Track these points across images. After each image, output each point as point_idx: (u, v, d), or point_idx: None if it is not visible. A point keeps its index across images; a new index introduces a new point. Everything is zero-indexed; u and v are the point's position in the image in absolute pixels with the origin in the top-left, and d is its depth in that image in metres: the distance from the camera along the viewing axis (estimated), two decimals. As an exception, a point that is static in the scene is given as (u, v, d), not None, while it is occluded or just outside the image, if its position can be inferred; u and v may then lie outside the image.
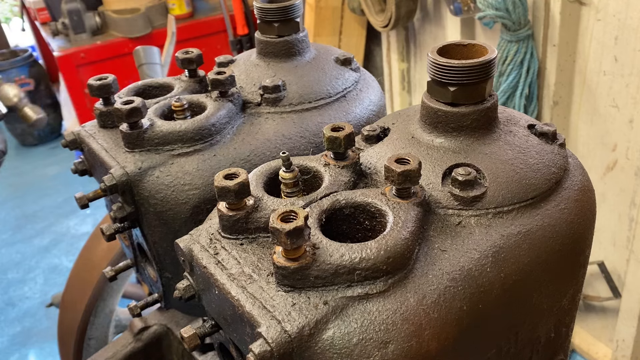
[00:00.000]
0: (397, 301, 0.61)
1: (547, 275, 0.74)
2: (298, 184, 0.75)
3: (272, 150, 0.95)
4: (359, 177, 0.78)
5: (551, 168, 0.77)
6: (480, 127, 0.77)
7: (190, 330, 0.72)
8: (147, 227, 0.94)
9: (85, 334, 1.74)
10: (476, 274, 0.66)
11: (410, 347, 0.60)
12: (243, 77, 1.05)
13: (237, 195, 0.68)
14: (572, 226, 0.75)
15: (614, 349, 2.44)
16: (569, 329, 0.87)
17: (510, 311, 0.72)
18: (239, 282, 0.65)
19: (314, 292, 0.62)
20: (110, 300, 1.78)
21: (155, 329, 1.30)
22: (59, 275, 3.83)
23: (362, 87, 1.06)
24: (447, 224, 0.71)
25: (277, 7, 1.01)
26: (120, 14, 3.93)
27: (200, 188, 0.89)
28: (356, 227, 0.72)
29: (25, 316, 3.54)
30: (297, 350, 0.59)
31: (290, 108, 0.99)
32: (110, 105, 0.99)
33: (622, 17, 2.08)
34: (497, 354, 0.74)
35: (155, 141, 0.90)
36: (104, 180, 0.88)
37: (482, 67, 0.73)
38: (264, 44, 1.06)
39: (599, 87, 2.27)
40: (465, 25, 2.70)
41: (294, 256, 0.61)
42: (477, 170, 0.74)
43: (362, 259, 0.61)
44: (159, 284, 1.02)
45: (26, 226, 4.40)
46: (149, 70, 1.78)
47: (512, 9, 2.22)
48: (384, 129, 0.85)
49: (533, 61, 2.35)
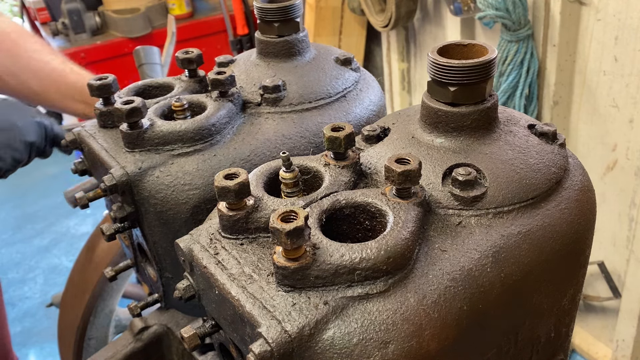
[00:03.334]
0: (397, 301, 0.61)
1: (547, 275, 0.74)
2: (298, 184, 0.75)
3: (272, 150, 0.95)
4: (359, 177, 0.78)
5: (551, 168, 0.77)
6: (480, 127, 0.77)
7: (190, 330, 0.72)
8: (147, 227, 0.94)
9: (85, 334, 1.74)
10: (476, 274, 0.66)
11: (411, 347, 0.60)
12: (243, 77, 1.05)
13: (237, 195, 0.68)
14: (572, 226, 0.75)
15: (614, 349, 2.44)
16: (569, 329, 0.87)
17: (511, 311, 0.72)
18: (239, 282, 0.65)
19: (314, 292, 0.62)
20: (110, 300, 1.77)
21: (155, 329, 1.30)
22: (59, 275, 3.83)
23: (362, 87, 1.06)
24: (447, 224, 0.71)
25: (277, 7, 1.01)
26: (120, 14, 3.92)
27: (201, 188, 0.89)
28: (356, 227, 0.72)
29: (25, 316, 3.53)
30: (297, 350, 0.59)
31: (290, 108, 0.99)
32: (110, 105, 0.99)
33: (622, 17, 2.08)
34: (497, 354, 0.74)
35: (155, 141, 0.90)
36: (104, 180, 0.88)
37: (482, 67, 0.73)
38: (264, 44, 1.06)
39: (599, 87, 2.27)
40: (465, 25, 2.70)
41: (294, 256, 0.61)
42: (477, 170, 0.74)
43: (362, 259, 0.61)
44: (159, 284, 1.02)
45: (26, 226, 4.40)
46: (149, 70, 1.78)
47: (512, 9, 2.22)
48: (384, 129, 0.85)
49: (533, 61, 2.35)
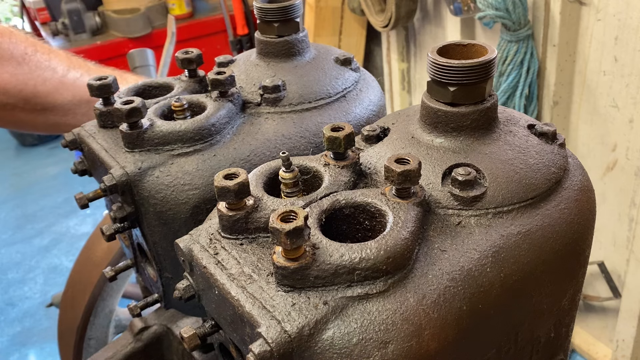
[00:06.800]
0: (397, 301, 0.61)
1: (547, 275, 0.74)
2: (298, 184, 0.75)
3: (272, 150, 0.95)
4: (359, 177, 0.78)
5: (551, 168, 0.77)
6: (480, 127, 0.77)
7: (190, 330, 0.72)
8: (147, 227, 0.94)
9: (85, 334, 1.74)
10: (476, 274, 0.66)
11: (410, 347, 0.60)
12: (243, 77, 1.05)
13: (237, 195, 0.68)
14: (572, 226, 0.75)
15: (614, 349, 2.44)
16: (569, 329, 0.87)
17: (510, 311, 0.72)
18: (238, 282, 0.65)
19: (314, 292, 0.62)
20: (110, 300, 1.77)
21: (155, 329, 1.30)
22: (59, 275, 3.83)
23: (362, 87, 1.06)
24: (447, 224, 0.71)
25: (277, 7, 1.01)
26: (120, 14, 3.93)
27: (200, 188, 0.89)
28: (356, 227, 0.72)
29: (25, 316, 3.54)
30: (297, 350, 0.59)
31: (290, 108, 0.99)
32: (110, 105, 0.99)
33: (622, 17, 2.08)
34: (497, 354, 0.74)
35: (155, 141, 0.90)
36: (104, 180, 0.88)
37: (482, 67, 0.73)
38: (264, 44, 1.06)
39: (599, 87, 2.27)
40: (465, 25, 2.70)
41: (294, 256, 0.61)
42: (477, 170, 0.74)
43: (362, 259, 0.61)
44: (159, 284, 1.02)
45: (26, 226, 4.40)
46: (142, 73, 1.78)
47: (512, 9, 2.22)
48: (384, 129, 0.85)
49: (533, 61, 2.35)
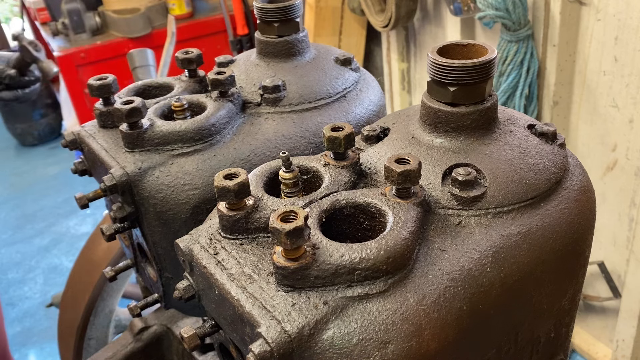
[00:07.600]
0: (397, 301, 0.61)
1: (547, 275, 0.74)
2: (298, 184, 0.75)
3: (272, 150, 0.95)
4: (359, 177, 0.78)
5: (551, 168, 0.77)
6: (480, 127, 0.77)
7: (190, 330, 0.72)
8: (147, 227, 0.94)
9: (85, 334, 1.74)
10: (476, 274, 0.66)
11: (410, 347, 0.60)
12: (243, 77, 1.05)
13: (237, 195, 0.68)
14: (572, 226, 0.75)
15: (614, 349, 2.44)
16: (569, 329, 0.87)
17: (510, 311, 0.72)
18: (239, 282, 0.65)
19: (314, 292, 0.62)
20: (110, 300, 1.78)
21: (155, 329, 1.30)
22: (59, 275, 3.83)
23: (362, 87, 1.06)
24: (447, 224, 0.71)
25: (277, 7, 1.01)
26: (120, 14, 3.93)
27: (200, 188, 0.89)
28: (356, 227, 0.72)
29: (25, 316, 3.53)
30: (297, 350, 0.59)
31: (290, 108, 0.99)
32: (110, 105, 0.99)
33: (622, 17, 2.08)
34: (497, 354, 0.74)
35: (155, 141, 0.90)
36: (104, 180, 0.88)
37: (482, 67, 0.73)
38: (264, 44, 1.06)
39: (599, 87, 2.27)
40: (465, 25, 2.70)
41: (294, 256, 0.61)
42: (477, 170, 0.74)
43: (362, 259, 0.61)
44: (159, 284, 1.02)
45: (26, 226, 4.40)
46: (142, 73, 1.78)
47: (512, 9, 2.22)
48: (384, 129, 0.85)
49: (533, 61, 2.35)
